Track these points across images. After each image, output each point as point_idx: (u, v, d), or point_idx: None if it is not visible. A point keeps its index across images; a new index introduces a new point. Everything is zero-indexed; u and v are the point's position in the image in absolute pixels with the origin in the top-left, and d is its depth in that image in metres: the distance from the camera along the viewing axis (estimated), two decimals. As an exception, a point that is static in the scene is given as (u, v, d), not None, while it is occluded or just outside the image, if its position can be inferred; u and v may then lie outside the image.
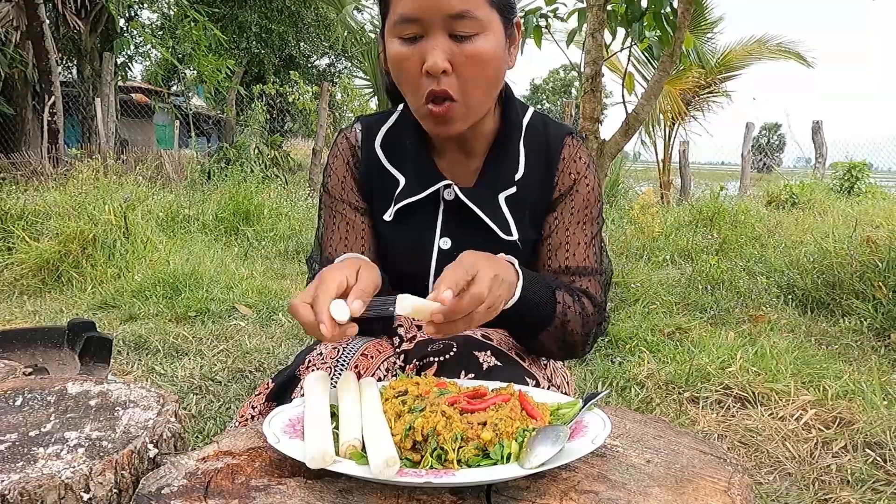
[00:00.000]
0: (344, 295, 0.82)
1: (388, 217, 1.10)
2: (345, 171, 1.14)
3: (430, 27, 0.93)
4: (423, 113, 1.00)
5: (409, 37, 0.95)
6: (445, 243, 1.09)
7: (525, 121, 1.12)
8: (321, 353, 1.09)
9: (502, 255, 0.93)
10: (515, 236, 1.07)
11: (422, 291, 1.10)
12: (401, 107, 1.16)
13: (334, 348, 1.06)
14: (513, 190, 1.08)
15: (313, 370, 1.03)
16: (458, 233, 1.09)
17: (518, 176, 1.08)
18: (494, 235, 1.07)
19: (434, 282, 1.08)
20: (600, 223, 1.12)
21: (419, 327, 1.09)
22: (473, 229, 1.07)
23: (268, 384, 1.12)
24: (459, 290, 0.78)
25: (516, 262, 0.93)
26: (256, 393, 1.13)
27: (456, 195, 1.07)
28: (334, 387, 0.86)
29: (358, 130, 1.16)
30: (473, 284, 0.79)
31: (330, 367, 1.03)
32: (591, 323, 1.04)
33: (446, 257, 1.08)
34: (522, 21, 3.55)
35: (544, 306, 0.97)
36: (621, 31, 3.35)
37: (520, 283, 0.91)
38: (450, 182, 1.07)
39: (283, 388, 1.09)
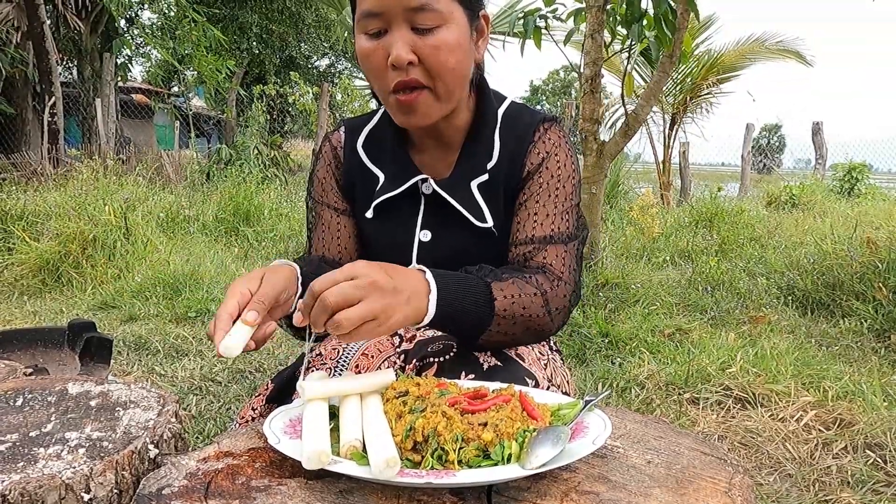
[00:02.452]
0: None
1: (368, 214, 1.12)
2: (325, 173, 1.18)
3: (393, 21, 0.96)
4: (391, 103, 1.01)
5: (373, 32, 0.98)
6: (425, 235, 1.10)
7: (501, 111, 1.13)
8: (320, 354, 1.09)
9: (414, 265, 0.91)
10: (490, 223, 1.08)
11: None
12: (383, 107, 1.18)
13: (333, 349, 1.06)
14: (485, 177, 1.09)
15: (313, 371, 1.03)
16: (437, 225, 1.10)
17: (491, 164, 1.09)
18: (471, 224, 1.08)
19: None
20: (574, 200, 1.08)
21: (419, 326, 1.10)
22: (452, 220, 1.09)
23: (267, 385, 1.12)
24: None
25: (426, 269, 0.90)
26: (256, 394, 1.13)
27: (434, 188, 1.09)
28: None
29: (342, 133, 1.19)
30: (324, 290, 0.77)
31: (329, 368, 1.03)
32: (554, 298, 0.99)
33: (426, 249, 1.10)
34: (522, 22, 3.56)
35: (475, 298, 0.92)
36: (621, 33, 3.35)
37: (432, 284, 0.88)
38: (426, 176, 1.09)
39: (283, 390, 1.09)
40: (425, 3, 0.95)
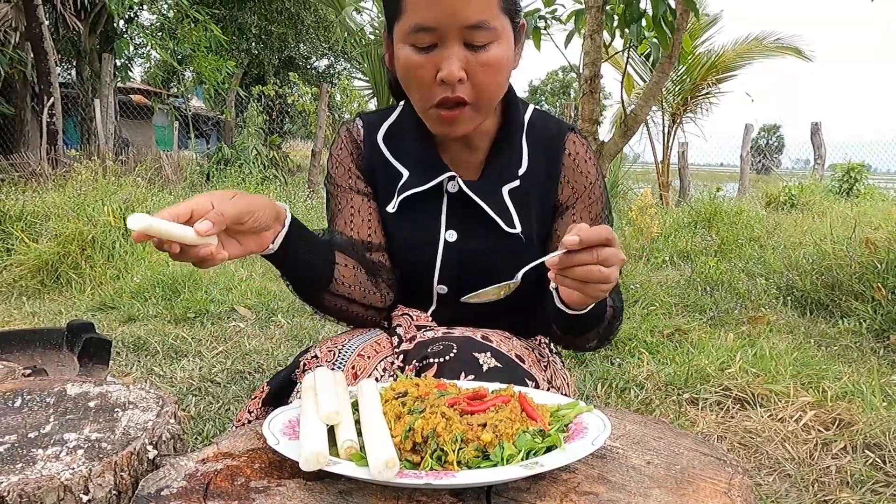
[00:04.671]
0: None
1: (391, 209, 1.11)
2: (349, 160, 1.16)
3: (446, 37, 0.95)
4: (431, 116, 1.02)
5: (423, 46, 0.96)
6: (451, 236, 1.10)
7: (526, 117, 1.14)
8: (316, 356, 1.08)
9: None
10: (518, 229, 1.08)
11: (428, 283, 1.13)
12: (402, 103, 1.17)
13: (329, 350, 1.06)
14: (516, 184, 1.10)
15: (310, 371, 1.03)
16: (463, 225, 1.10)
17: (521, 171, 1.10)
18: (498, 228, 1.08)
19: (439, 274, 1.11)
20: (612, 216, 1.16)
21: (419, 327, 1.09)
22: (478, 222, 1.09)
23: (263, 388, 1.11)
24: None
25: None
26: (252, 398, 1.12)
27: (460, 188, 1.09)
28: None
29: (360, 125, 1.17)
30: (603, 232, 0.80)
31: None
32: (621, 311, 1.07)
33: (452, 249, 1.10)
34: (522, 22, 3.56)
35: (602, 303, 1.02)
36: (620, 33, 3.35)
37: None
38: (454, 174, 1.09)
39: (279, 393, 1.09)
40: (483, 20, 0.94)
